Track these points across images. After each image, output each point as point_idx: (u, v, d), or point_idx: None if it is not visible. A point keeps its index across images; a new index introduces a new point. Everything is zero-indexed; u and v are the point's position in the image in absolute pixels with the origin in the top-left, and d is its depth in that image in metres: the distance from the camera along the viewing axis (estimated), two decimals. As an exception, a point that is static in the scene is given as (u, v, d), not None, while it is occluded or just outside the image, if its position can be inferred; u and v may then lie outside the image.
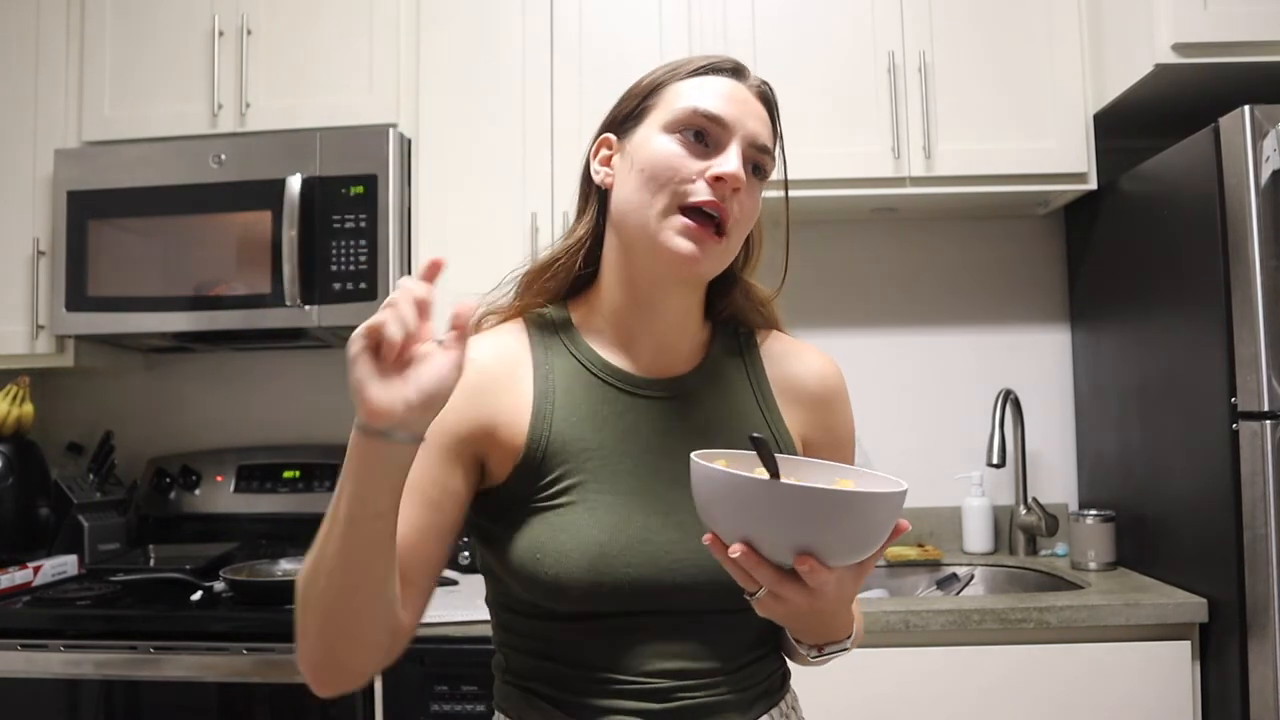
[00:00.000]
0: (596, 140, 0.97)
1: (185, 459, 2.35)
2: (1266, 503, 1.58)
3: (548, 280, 0.98)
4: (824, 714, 1.71)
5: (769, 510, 0.71)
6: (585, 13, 2.07)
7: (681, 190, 0.88)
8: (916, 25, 2.07)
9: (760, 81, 0.95)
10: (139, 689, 1.73)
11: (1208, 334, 1.71)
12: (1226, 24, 1.78)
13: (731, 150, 0.89)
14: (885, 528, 0.73)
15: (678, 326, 0.96)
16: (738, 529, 0.73)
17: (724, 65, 0.94)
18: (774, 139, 0.95)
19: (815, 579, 0.72)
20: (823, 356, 1.04)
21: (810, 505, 0.71)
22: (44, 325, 2.14)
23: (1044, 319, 2.39)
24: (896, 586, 2.17)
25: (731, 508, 0.73)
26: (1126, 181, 2.03)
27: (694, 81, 0.92)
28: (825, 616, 0.81)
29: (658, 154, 0.89)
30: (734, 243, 0.92)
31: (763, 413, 0.97)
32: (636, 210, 0.89)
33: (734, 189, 0.88)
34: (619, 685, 0.86)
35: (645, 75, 0.96)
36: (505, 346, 0.94)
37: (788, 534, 0.71)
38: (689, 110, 0.89)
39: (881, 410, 2.36)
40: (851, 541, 0.73)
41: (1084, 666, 1.70)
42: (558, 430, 0.90)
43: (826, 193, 2.08)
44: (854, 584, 0.77)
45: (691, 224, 0.87)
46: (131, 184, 2.09)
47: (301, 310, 2.01)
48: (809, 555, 0.71)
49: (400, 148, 2.08)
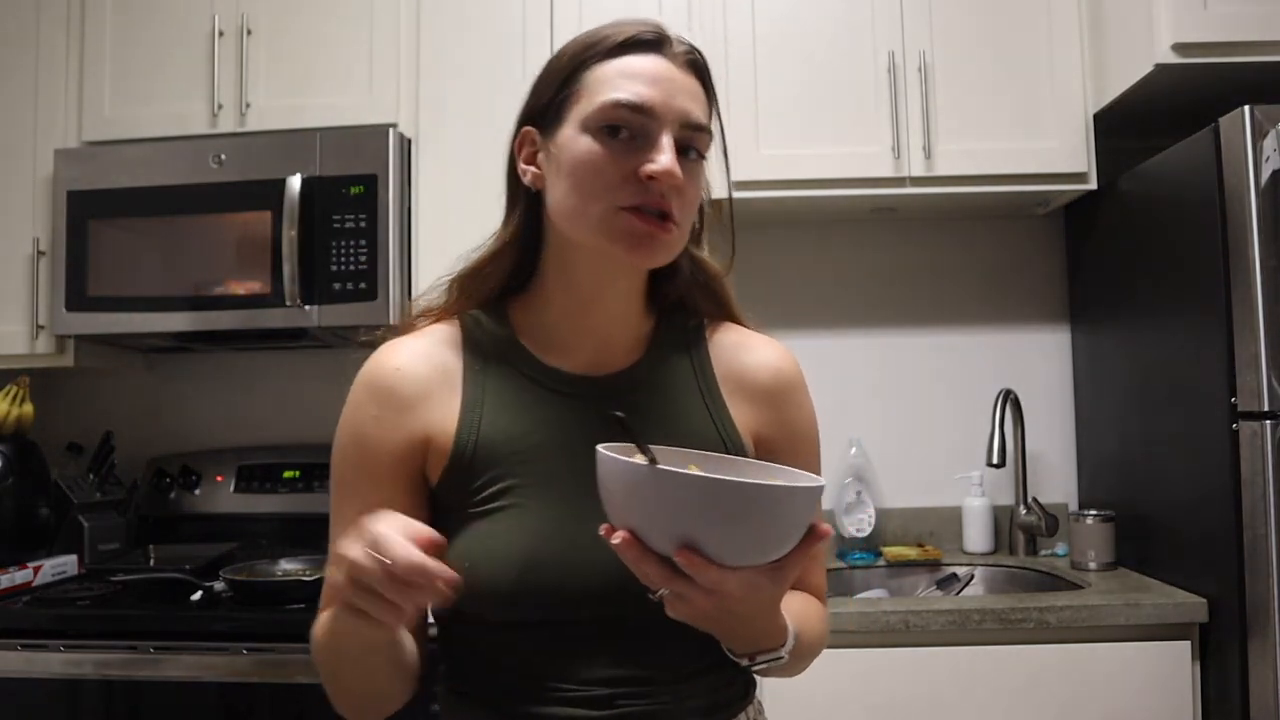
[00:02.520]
0: (518, 134, 0.91)
1: (185, 459, 2.35)
2: (1266, 503, 1.58)
3: (478, 284, 0.93)
4: (823, 714, 1.71)
5: (643, 497, 0.68)
6: (585, 12, 2.07)
7: (613, 196, 0.82)
8: (916, 25, 2.07)
9: (688, 48, 0.88)
10: (139, 689, 1.73)
11: (1208, 334, 1.71)
12: (1226, 24, 1.78)
13: (662, 142, 0.82)
14: (784, 526, 0.69)
15: (619, 319, 0.92)
16: (622, 517, 0.70)
17: (644, 35, 0.86)
18: (709, 109, 0.88)
19: (703, 576, 0.67)
20: (778, 348, 0.99)
21: (684, 493, 0.66)
22: (44, 325, 2.14)
23: (1044, 319, 2.39)
24: (896, 586, 2.17)
25: (614, 494, 0.70)
26: (1126, 181, 2.03)
27: (613, 65, 0.85)
28: (740, 622, 0.75)
29: (581, 159, 0.83)
30: (683, 230, 0.87)
31: (707, 408, 0.92)
32: (571, 216, 0.85)
33: (673, 185, 0.82)
34: (558, 693, 0.83)
35: (563, 51, 0.89)
36: (436, 354, 0.91)
37: (664, 523, 0.68)
38: (609, 105, 0.83)
39: (881, 410, 2.36)
40: (740, 538, 0.68)
41: (1084, 666, 1.70)
42: (486, 435, 0.87)
43: (826, 193, 2.08)
44: (771, 587, 0.72)
45: (637, 222, 0.82)
46: (131, 184, 2.09)
47: (301, 310, 2.01)
48: (689, 549, 0.67)
49: (400, 148, 2.08)
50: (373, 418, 0.88)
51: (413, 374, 0.89)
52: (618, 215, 0.83)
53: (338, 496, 0.90)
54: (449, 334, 0.93)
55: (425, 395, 0.88)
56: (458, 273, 0.94)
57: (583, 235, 0.85)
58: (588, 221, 0.84)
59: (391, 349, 0.92)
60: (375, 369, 0.91)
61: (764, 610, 0.75)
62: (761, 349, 0.98)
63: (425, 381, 0.89)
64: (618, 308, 0.92)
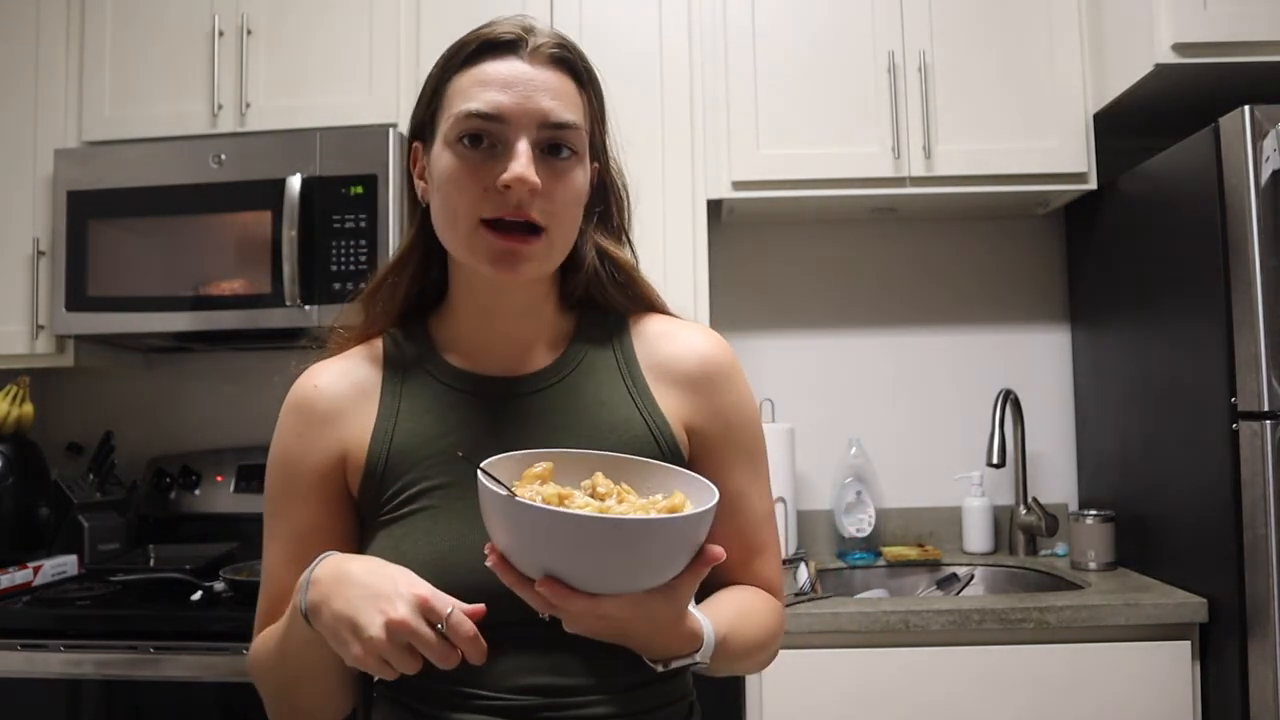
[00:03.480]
0: (410, 149, 0.92)
1: (185, 459, 2.35)
2: (1266, 503, 1.58)
3: (385, 296, 0.94)
4: (824, 714, 1.71)
5: (505, 524, 0.69)
6: (585, 12, 2.07)
7: (476, 209, 0.82)
8: (916, 25, 2.07)
9: (552, 43, 0.86)
10: (139, 689, 1.73)
11: (1208, 334, 1.71)
12: (1226, 24, 1.78)
13: (518, 149, 0.81)
14: (653, 556, 0.68)
15: (529, 319, 0.92)
16: (495, 538, 0.71)
17: (502, 38, 0.85)
18: (582, 102, 0.86)
19: (570, 604, 0.68)
20: (707, 334, 0.96)
21: (537, 526, 0.67)
22: (44, 325, 2.14)
23: (1044, 319, 2.39)
24: (896, 586, 2.17)
25: (486, 516, 0.71)
26: (1126, 181, 2.03)
27: (469, 75, 0.84)
28: (642, 638, 0.75)
29: (445, 175, 0.83)
30: (560, 234, 0.85)
31: (633, 399, 0.90)
32: (446, 232, 0.86)
33: (530, 191, 0.81)
34: (480, 701, 0.82)
35: (436, 62, 0.89)
36: (355, 371, 0.93)
37: (527, 551, 0.68)
38: (461, 116, 0.82)
39: (881, 410, 2.36)
40: (603, 568, 0.67)
41: (1084, 666, 1.70)
42: (399, 443, 0.87)
43: (826, 193, 2.08)
44: (667, 606, 0.72)
45: (496, 239, 0.82)
46: (132, 184, 2.09)
47: (301, 310, 2.01)
48: (550, 579, 0.67)
49: (400, 148, 2.07)
50: (296, 436, 0.91)
51: (331, 391, 0.91)
52: (479, 233, 0.83)
53: (269, 518, 0.93)
54: (369, 352, 0.95)
55: (342, 411, 0.90)
56: (365, 290, 0.96)
57: (456, 251, 0.86)
58: (457, 238, 0.85)
59: (313, 371, 0.94)
60: (297, 390, 0.94)
61: (666, 627, 0.75)
62: (687, 336, 0.95)
63: (342, 398, 0.91)
64: (522, 310, 0.91)
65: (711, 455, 0.93)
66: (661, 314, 0.98)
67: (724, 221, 2.33)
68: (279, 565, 0.90)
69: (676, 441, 0.90)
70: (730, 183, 2.08)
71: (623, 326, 0.95)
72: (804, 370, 2.37)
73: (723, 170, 2.08)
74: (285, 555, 0.89)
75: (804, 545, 2.27)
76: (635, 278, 0.96)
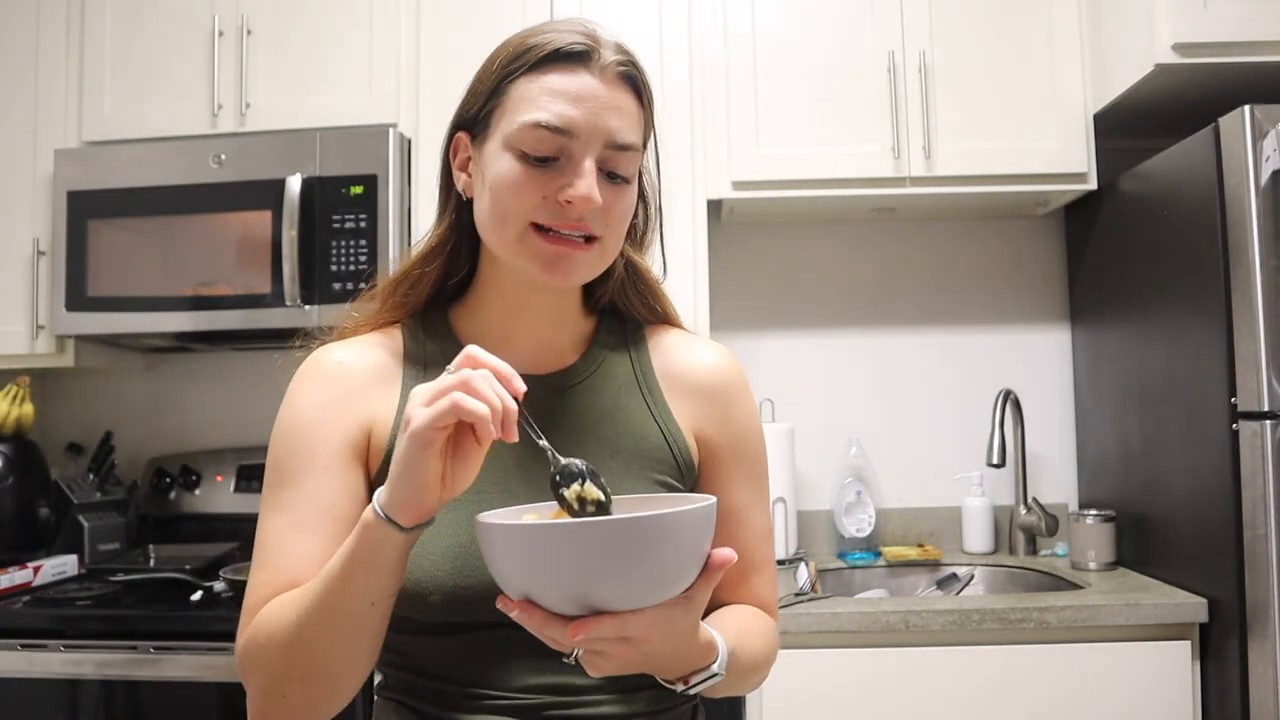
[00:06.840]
0: (451, 139, 0.92)
1: (185, 459, 2.35)
2: (1266, 503, 1.58)
3: (410, 287, 0.93)
4: (824, 714, 1.71)
5: (532, 558, 0.66)
6: (585, 13, 2.08)
7: (529, 214, 0.82)
8: (916, 25, 2.07)
9: (620, 60, 0.85)
10: (139, 689, 1.73)
11: (1208, 334, 1.71)
12: (1226, 24, 1.78)
13: (584, 167, 0.81)
14: (679, 555, 0.68)
15: (554, 321, 0.93)
16: (516, 584, 0.68)
17: (573, 48, 0.84)
18: (642, 122, 0.87)
19: (608, 629, 0.66)
20: (717, 349, 0.98)
21: (570, 543, 0.65)
22: (44, 325, 2.14)
23: (1044, 319, 2.39)
24: (896, 586, 2.17)
25: (502, 562, 0.68)
26: (1126, 181, 2.03)
27: (538, 83, 0.83)
28: (663, 657, 0.73)
29: (502, 178, 0.83)
30: (611, 242, 0.86)
31: (648, 405, 0.92)
32: (492, 231, 0.85)
33: (590, 210, 0.82)
34: (489, 701, 0.81)
35: (494, 56, 0.88)
36: (373, 354, 0.91)
37: (559, 581, 0.66)
38: (529, 126, 0.82)
39: (881, 410, 2.36)
40: (636, 576, 0.66)
41: (1084, 667, 1.70)
42: None
43: (826, 193, 2.08)
44: (684, 617, 0.71)
45: (547, 243, 0.82)
46: (131, 184, 2.09)
47: (301, 310, 2.01)
48: (592, 606, 0.65)
49: (400, 148, 2.08)
50: (318, 404, 0.87)
51: (354, 367, 0.89)
52: (530, 236, 0.83)
53: (274, 489, 0.86)
54: (386, 341, 0.93)
55: (365, 388, 0.89)
56: (390, 277, 0.95)
57: (501, 251, 0.86)
58: (504, 239, 0.84)
59: (329, 348, 0.92)
60: (316, 363, 0.91)
61: (685, 639, 0.74)
62: (702, 349, 0.97)
63: (365, 375, 0.89)
64: (551, 311, 0.92)
65: (717, 467, 0.94)
66: (676, 328, 1.00)
67: (724, 221, 2.33)
68: (287, 531, 0.83)
69: (689, 449, 0.92)
70: (730, 183, 2.08)
71: (639, 335, 0.97)
72: (804, 370, 2.37)
73: (722, 170, 2.08)
74: (294, 522, 0.83)
75: (804, 545, 2.27)
76: (658, 291, 0.98)
